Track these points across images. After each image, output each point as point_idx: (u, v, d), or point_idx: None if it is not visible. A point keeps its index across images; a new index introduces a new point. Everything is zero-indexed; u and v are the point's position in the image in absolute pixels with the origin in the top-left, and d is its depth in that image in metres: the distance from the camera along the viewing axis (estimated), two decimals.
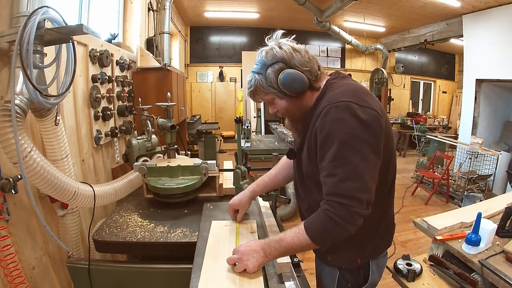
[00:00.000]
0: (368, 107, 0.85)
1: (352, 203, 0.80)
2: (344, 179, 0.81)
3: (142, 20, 3.20)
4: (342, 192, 0.81)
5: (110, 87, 2.09)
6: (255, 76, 0.97)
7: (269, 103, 1.02)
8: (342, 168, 0.82)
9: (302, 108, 0.98)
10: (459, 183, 4.15)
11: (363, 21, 5.95)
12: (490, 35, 4.46)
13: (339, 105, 0.84)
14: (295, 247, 0.88)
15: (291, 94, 0.94)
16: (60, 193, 1.18)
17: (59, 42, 1.15)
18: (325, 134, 0.85)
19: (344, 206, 0.81)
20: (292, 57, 0.92)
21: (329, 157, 0.84)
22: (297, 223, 3.70)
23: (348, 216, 0.81)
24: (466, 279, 1.17)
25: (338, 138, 0.82)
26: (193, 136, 4.08)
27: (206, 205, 1.46)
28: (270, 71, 0.93)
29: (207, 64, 7.30)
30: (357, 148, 0.82)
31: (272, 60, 0.93)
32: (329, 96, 0.90)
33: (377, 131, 0.85)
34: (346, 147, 0.82)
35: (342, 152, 0.82)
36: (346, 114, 0.83)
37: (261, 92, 0.98)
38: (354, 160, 0.81)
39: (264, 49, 0.96)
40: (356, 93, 0.88)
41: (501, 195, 2.08)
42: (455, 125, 7.42)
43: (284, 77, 0.91)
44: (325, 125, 0.85)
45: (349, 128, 0.82)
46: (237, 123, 1.34)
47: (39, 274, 1.30)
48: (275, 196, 1.27)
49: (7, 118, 0.98)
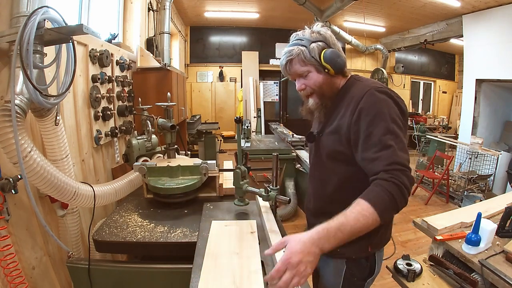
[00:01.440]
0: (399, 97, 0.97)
1: (407, 170, 0.86)
2: (399, 149, 0.87)
3: (142, 20, 3.20)
4: (401, 160, 0.86)
5: (110, 87, 2.09)
6: (299, 47, 1.02)
7: (300, 76, 1.06)
8: (396, 141, 0.88)
9: (333, 88, 1.06)
10: (459, 183, 4.14)
11: (363, 21, 5.94)
12: (490, 35, 4.46)
13: (381, 90, 0.95)
14: (360, 229, 0.79)
15: (331, 70, 1.01)
16: (60, 193, 1.18)
17: (59, 42, 1.15)
18: (375, 112, 0.91)
19: (404, 173, 0.84)
20: (334, 42, 1.03)
21: (382, 132, 0.89)
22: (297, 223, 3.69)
23: (408, 183, 0.84)
24: (466, 279, 1.17)
25: (389, 116, 0.90)
26: (193, 136, 4.08)
27: (206, 205, 1.46)
28: (315, 46, 1.01)
29: (207, 64, 7.30)
30: (400, 125, 0.92)
31: (317, 38, 1.02)
32: (366, 84, 1.00)
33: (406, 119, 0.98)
34: (394, 123, 0.90)
35: (392, 127, 0.89)
36: (388, 97, 0.94)
37: (300, 62, 1.03)
38: (400, 133, 0.90)
39: (308, 30, 1.04)
40: (386, 87, 1.00)
41: (501, 195, 2.08)
42: (455, 125, 7.41)
43: (330, 53, 1.00)
44: (374, 105, 0.92)
45: (393, 109, 0.93)
46: (237, 123, 1.34)
47: (39, 274, 1.30)
48: (275, 196, 1.27)
49: (7, 118, 0.98)
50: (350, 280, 1.05)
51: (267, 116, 7.27)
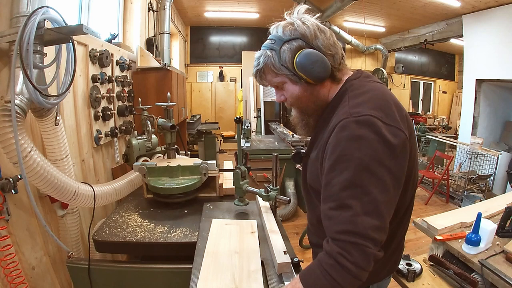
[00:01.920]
0: (396, 127, 0.69)
1: (368, 243, 0.64)
2: (360, 213, 0.64)
3: (142, 20, 3.20)
4: (358, 229, 0.64)
5: (110, 87, 2.09)
6: (266, 52, 0.79)
7: (277, 88, 0.85)
8: (358, 200, 0.65)
9: (317, 100, 0.82)
10: (459, 183, 4.14)
11: (363, 21, 5.95)
12: (490, 35, 4.46)
13: (360, 120, 0.67)
14: None
15: (308, 80, 0.77)
16: (60, 193, 1.18)
17: (59, 42, 1.15)
18: (338, 154, 0.68)
19: (360, 247, 0.63)
20: (316, 36, 0.76)
21: (341, 184, 0.66)
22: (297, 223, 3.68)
23: (365, 261, 0.64)
24: (466, 279, 1.17)
25: (356, 161, 0.65)
26: (193, 136, 4.08)
27: (206, 205, 1.46)
28: (286, 48, 0.76)
29: (207, 64, 7.30)
30: (378, 175, 0.66)
31: (291, 36, 0.76)
32: (348, 105, 0.73)
33: (402, 158, 0.70)
34: (364, 173, 0.65)
35: (360, 179, 0.65)
36: (369, 132, 0.66)
37: (271, 72, 0.81)
38: (373, 190, 0.65)
39: (282, 23, 0.80)
40: (383, 105, 0.71)
41: (501, 195, 2.08)
42: (455, 125, 7.41)
43: (303, 57, 0.75)
44: (340, 143, 0.68)
45: (370, 149, 0.66)
46: (237, 123, 1.34)
47: (39, 274, 1.30)
48: (275, 196, 1.27)
49: (7, 118, 0.98)
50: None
51: (267, 116, 7.26)
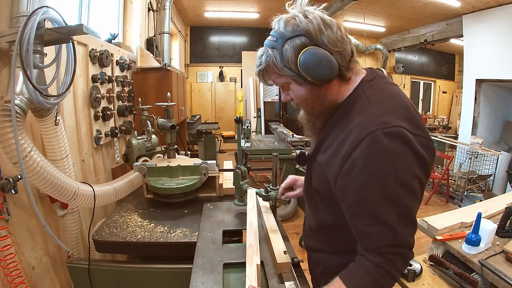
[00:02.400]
0: (424, 136, 0.69)
1: (407, 250, 0.68)
2: (397, 226, 0.65)
3: (142, 20, 3.20)
4: (398, 242, 0.66)
5: (110, 87, 2.09)
6: (268, 51, 0.75)
7: (283, 87, 0.80)
8: (395, 213, 0.65)
9: (325, 102, 0.77)
10: (459, 183, 4.14)
11: (363, 21, 5.94)
12: (490, 35, 4.46)
13: (391, 133, 0.64)
14: None
15: (313, 81, 0.72)
16: (60, 193, 1.18)
17: (59, 42, 1.15)
18: (371, 170, 0.65)
19: (402, 256, 0.68)
20: (321, 31, 0.70)
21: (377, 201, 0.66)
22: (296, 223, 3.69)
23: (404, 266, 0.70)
24: (466, 279, 1.17)
25: (391, 177, 0.64)
26: (193, 136, 4.08)
27: (206, 205, 1.46)
28: (289, 47, 0.71)
29: (207, 64, 7.30)
30: (411, 187, 0.66)
31: (293, 33, 0.70)
32: (373, 113, 0.68)
33: (430, 167, 0.70)
34: (400, 187, 0.65)
35: (395, 194, 0.65)
36: (400, 146, 0.65)
37: (274, 72, 0.76)
38: (407, 201, 0.66)
39: (284, 17, 0.73)
40: (408, 113, 0.69)
41: (501, 195, 2.08)
42: (455, 125, 7.41)
43: (307, 57, 0.69)
44: (371, 158, 0.65)
45: (403, 163, 0.65)
46: (237, 123, 1.34)
47: (39, 274, 1.30)
48: (275, 196, 1.27)
49: (7, 118, 0.98)
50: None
51: (267, 116, 7.26)
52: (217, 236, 1.15)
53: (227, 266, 0.98)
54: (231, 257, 1.02)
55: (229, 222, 1.31)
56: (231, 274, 0.96)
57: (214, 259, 1.01)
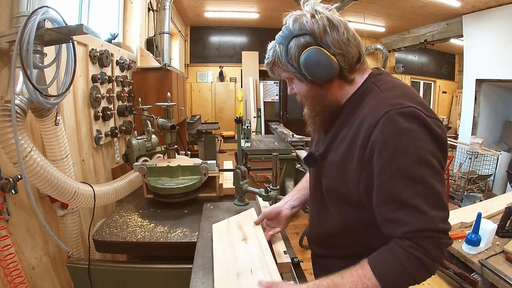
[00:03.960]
0: (437, 119, 0.68)
1: (440, 235, 0.63)
2: (429, 208, 0.62)
3: (142, 20, 3.20)
4: (429, 226, 0.62)
5: (110, 87, 2.09)
6: (277, 46, 0.79)
7: (288, 81, 0.85)
8: (422, 196, 0.63)
9: (325, 101, 0.79)
10: (459, 183, 4.14)
11: (363, 21, 5.95)
12: (490, 35, 4.46)
13: (406, 112, 0.64)
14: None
15: (313, 80, 0.75)
16: (60, 193, 1.18)
17: (59, 42, 1.15)
18: (390, 152, 0.64)
19: (433, 240, 0.63)
20: (325, 32, 0.71)
21: (402, 183, 0.63)
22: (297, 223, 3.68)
23: (438, 252, 0.63)
24: (466, 279, 1.17)
25: (412, 156, 0.62)
26: (193, 136, 4.08)
27: (206, 205, 1.46)
28: (293, 44, 0.73)
29: (207, 64, 7.30)
30: (434, 166, 0.64)
31: (300, 31, 0.73)
32: (385, 97, 0.69)
33: (446, 150, 0.69)
34: (423, 166, 0.63)
35: (420, 174, 0.63)
36: (417, 124, 0.64)
37: (279, 67, 0.80)
38: (434, 182, 0.63)
39: (294, 14, 0.76)
40: (418, 99, 0.70)
41: (501, 195, 2.09)
42: (455, 125, 7.42)
43: (307, 57, 0.72)
44: (390, 140, 0.64)
45: (423, 141, 0.63)
46: (237, 123, 1.34)
47: (39, 274, 1.30)
48: (275, 196, 1.27)
49: (7, 118, 0.98)
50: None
51: (267, 116, 7.27)
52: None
53: None
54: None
55: None
56: None
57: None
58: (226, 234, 1.10)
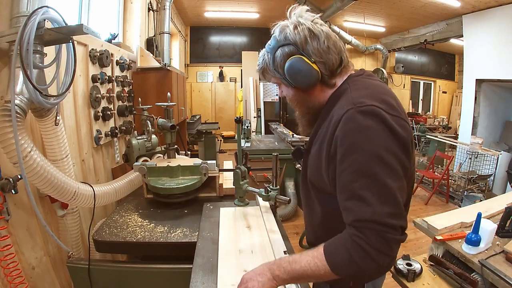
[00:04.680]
0: (400, 117, 0.71)
1: (384, 228, 0.65)
2: (375, 203, 0.65)
3: (142, 20, 3.20)
4: (374, 218, 0.65)
5: (110, 87, 2.09)
6: (265, 54, 0.86)
7: (278, 85, 0.93)
8: (373, 190, 0.66)
9: (308, 104, 0.87)
10: (459, 183, 4.14)
11: (363, 21, 5.95)
12: (490, 35, 4.46)
13: (365, 110, 0.69)
14: (310, 274, 0.72)
15: (296, 86, 0.82)
16: (60, 193, 1.18)
17: (59, 42, 1.15)
18: (346, 146, 0.69)
19: (378, 232, 0.65)
20: (306, 42, 0.77)
21: (352, 175, 0.68)
22: (297, 223, 3.69)
23: (382, 245, 0.65)
24: (466, 279, 1.17)
25: (365, 152, 0.67)
26: (193, 136, 4.08)
27: (206, 205, 1.46)
28: (279, 53, 0.80)
29: (207, 64, 7.30)
30: (389, 164, 0.67)
31: (284, 41, 0.79)
32: (351, 97, 0.74)
33: (409, 147, 0.71)
34: (375, 162, 0.66)
35: (370, 169, 0.66)
36: (375, 122, 0.68)
37: (268, 73, 0.88)
38: (387, 179, 0.66)
39: (280, 25, 0.82)
40: (385, 98, 0.73)
41: (501, 195, 2.08)
42: (455, 125, 7.42)
43: (290, 65, 0.79)
44: (348, 135, 0.69)
45: (378, 138, 0.67)
46: (237, 123, 1.34)
47: (39, 274, 1.30)
48: (275, 196, 1.27)
49: (7, 118, 0.98)
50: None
51: (267, 116, 7.26)
52: (217, 236, 1.15)
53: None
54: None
55: None
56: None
57: (214, 259, 1.01)
58: (232, 219, 1.18)
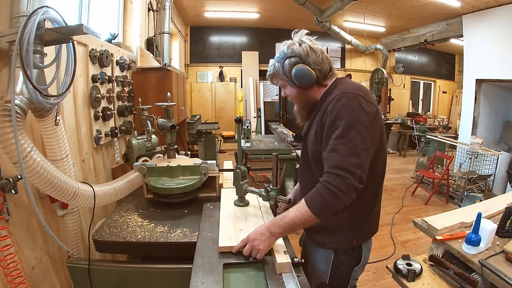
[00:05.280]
0: (372, 103, 1.01)
1: (348, 175, 0.91)
2: (344, 154, 0.93)
3: (142, 20, 3.20)
4: (341, 165, 0.92)
5: (110, 87, 2.09)
6: (276, 63, 1.14)
7: (282, 87, 1.20)
8: (344, 146, 0.94)
9: (308, 99, 1.15)
10: (459, 183, 4.14)
11: (363, 21, 5.95)
12: (490, 35, 4.46)
13: (349, 95, 0.99)
14: (298, 222, 0.97)
15: (299, 85, 1.11)
16: (60, 193, 1.18)
17: (59, 42, 1.15)
18: (334, 116, 0.98)
19: (342, 178, 0.91)
20: (308, 55, 1.08)
21: (335, 135, 0.96)
22: None
23: (345, 188, 0.91)
24: (466, 279, 1.17)
25: (345, 121, 0.95)
26: (193, 136, 4.08)
27: (206, 205, 1.46)
28: (287, 63, 1.09)
29: (207, 64, 7.30)
30: (359, 131, 0.95)
31: (291, 54, 1.09)
32: (341, 87, 1.05)
33: (375, 123, 1.00)
34: (351, 129, 0.94)
35: (347, 133, 0.94)
36: (355, 103, 0.98)
37: (277, 77, 1.16)
38: (355, 140, 0.94)
39: (288, 43, 1.12)
40: (363, 90, 1.05)
41: (501, 195, 2.08)
42: (455, 125, 7.42)
43: (296, 71, 1.08)
44: (335, 109, 0.98)
45: (355, 114, 0.96)
46: (237, 123, 1.34)
47: (39, 274, 1.30)
48: (275, 196, 1.27)
49: (7, 118, 0.98)
50: (338, 267, 1.14)
51: (267, 116, 7.27)
52: (217, 236, 1.15)
53: (227, 266, 0.98)
54: (231, 257, 1.02)
55: None
56: (231, 274, 0.96)
57: (214, 259, 1.01)
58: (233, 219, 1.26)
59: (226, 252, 1.04)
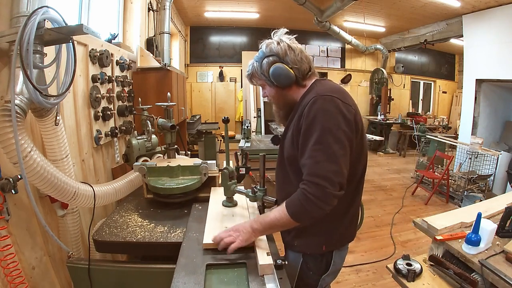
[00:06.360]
0: (349, 105, 0.98)
1: (326, 184, 0.89)
2: (322, 161, 0.91)
3: (142, 20, 3.20)
4: (319, 172, 0.90)
5: (110, 87, 2.09)
6: (254, 62, 1.12)
7: (262, 87, 1.18)
8: (322, 152, 0.91)
9: (286, 99, 1.12)
10: (459, 183, 4.14)
11: (363, 21, 5.95)
12: (490, 35, 4.46)
13: (326, 98, 0.95)
14: (277, 223, 0.98)
15: (278, 85, 1.08)
16: (60, 193, 1.18)
17: (59, 42, 1.14)
18: (310, 120, 0.94)
19: (319, 187, 0.89)
20: (286, 54, 1.04)
21: (312, 141, 0.93)
22: None
23: (323, 196, 0.89)
24: (466, 279, 1.17)
25: (322, 126, 0.92)
26: (193, 136, 4.08)
27: (194, 206, 1.46)
28: (265, 62, 1.06)
29: (207, 64, 7.30)
30: (337, 136, 0.92)
31: (269, 53, 1.06)
32: (317, 89, 1.02)
33: (353, 127, 0.97)
34: (328, 134, 0.91)
35: (325, 138, 0.91)
36: (332, 106, 0.94)
37: (256, 77, 1.14)
38: (333, 146, 0.91)
39: (266, 42, 1.09)
40: (340, 92, 1.01)
41: (501, 195, 2.09)
42: (455, 125, 7.42)
43: (274, 69, 1.05)
44: (311, 112, 0.94)
45: (332, 117, 0.93)
46: (224, 123, 1.39)
47: (39, 274, 1.30)
48: (262, 197, 1.26)
49: (7, 118, 0.97)
50: (305, 272, 1.11)
51: (267, 116, 7.25)
52: (202, 237, 1.14)
53: (210, 267, 0.98)
54: (215, 258, 1.02)
55: None
56: (214, 275, 0.95)
57: (198, 259, 1.00)
58: (219, 220, 1.25)
59: (211, 250, 1.05)
